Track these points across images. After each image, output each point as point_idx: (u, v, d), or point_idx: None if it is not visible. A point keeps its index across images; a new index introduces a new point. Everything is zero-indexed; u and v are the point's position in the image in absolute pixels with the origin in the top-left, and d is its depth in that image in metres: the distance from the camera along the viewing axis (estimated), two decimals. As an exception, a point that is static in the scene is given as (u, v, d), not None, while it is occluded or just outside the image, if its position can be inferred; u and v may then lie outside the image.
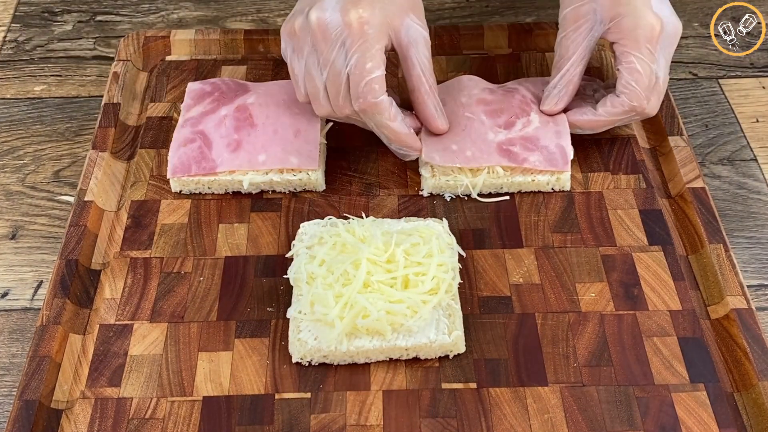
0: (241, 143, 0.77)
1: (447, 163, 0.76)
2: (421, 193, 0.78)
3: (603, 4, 0.75)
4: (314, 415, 0.64)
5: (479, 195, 0.78)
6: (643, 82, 0.75)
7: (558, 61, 0.78)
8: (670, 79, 0.93)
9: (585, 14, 0.76)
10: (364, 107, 0.72)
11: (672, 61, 0.95)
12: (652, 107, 0.77)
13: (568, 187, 0.78)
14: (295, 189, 0.78)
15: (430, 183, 0.78)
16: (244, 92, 0.81)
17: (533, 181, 0.77)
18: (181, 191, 0.78)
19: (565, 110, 0.79)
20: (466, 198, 0.78)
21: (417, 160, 0.80)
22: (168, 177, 0.77)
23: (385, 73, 0.72)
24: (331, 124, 0.81)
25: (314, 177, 0.77)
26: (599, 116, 0.78)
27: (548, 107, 0.78)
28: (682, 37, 0.98)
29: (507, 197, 0.78)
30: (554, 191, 0.78)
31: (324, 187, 0.78)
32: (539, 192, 0.78)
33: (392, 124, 0.74)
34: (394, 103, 0.74)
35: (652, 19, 0.74)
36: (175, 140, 0.79)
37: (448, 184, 0.77)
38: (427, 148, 0.77)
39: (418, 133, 0.77)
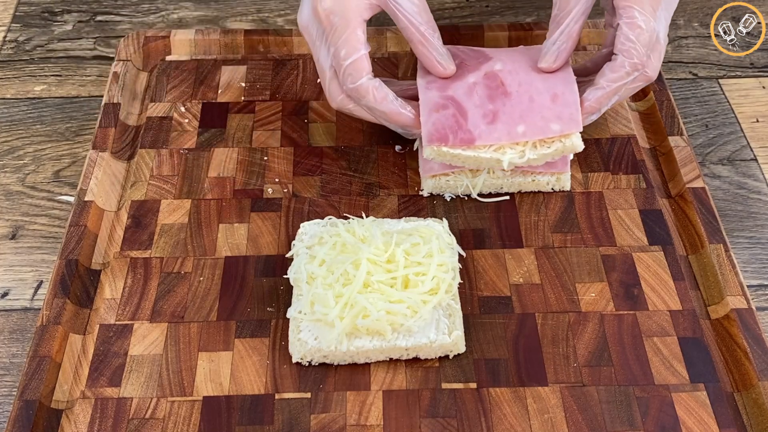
0: (497, 114, 0.74)
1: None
2: (421, 193, 0.78)
3: None
4: (314, 415, 0.64)
5: (479, 195, 0.78)
6: (644, 38, 0.72)
7: (557, 15, 0.74)
8: (670, 78, 0.93)
9: None
10: (350, 93, 0.74)
11: (672, 61, 0.96)
12: (654, 68, 0.74)
13: (568, 187, 0.78)
14: (552, 158, 0.75)
15: (430, 183, 0.77)
16: (487, 59, 0.77)
17: (533, 181, 0.77)
18: (433, 159, 0.75)
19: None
20: (466, 198, 0.78)
21: (417, 160, 0.80)
22: (425, 144, 0.74)
23: (363, 54, 0.73)
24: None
25: (569, 143, 0.74)
26: (602, 88, 0.74)
27: (546, 64, 0.75)
28: (682, 37, 0.99)
29: (507, 197, 0.78)
30: (554, 191, 0.78)
31: (583, 147, 0.74)
32: (539, 192, 0.78)
33: (379, 105, 0.74)
34: (379, 84, 0.74)
35: None
36: (424, 103, 0.75)
37: (448, 184, 0.77)
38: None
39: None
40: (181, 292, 0.71)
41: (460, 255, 0.71)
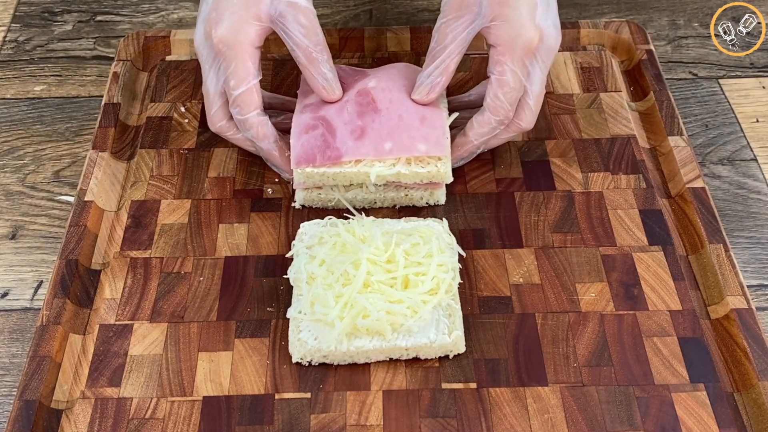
0: (365, 130, 0.74)
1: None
2: (294, 205, 0.77)
3: None
4: (314, 415, 0.64)
5: (355, 209, 0.76)
6: (512, 96, 0.73)
7: (434, 48, 0.74)
8: (670, 78, 0.93)
9: (470, 4, 0.72)
10: (237, 123, 0.76)
11: (672, 61, 0.96)
12: (528, 121, 0.76)
13: (442, 202, 0.77)
14: (421, 181, 0.75)
15: (301, 195, 0.77)
16: (363, 77, 0.78)
17: (406, 195, 0.77)
18: (304, 183, 0.75)
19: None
20: (465, 197, 0.78)
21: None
22: (292, 167, 0.74)
23: (253, 84, 0.73)
24: (457, 114, 0.78)
25: (443, 169, 0.74)
26: (471, 140, 0.76)
27: (419, 96, 0.75)
28: (682, 37, 0.99)
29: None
30: (429, 205, 0.77)
31: (452, 179, 0.75)
32: (539, 191, 0.78)
33: (260, 142, 0.76)
34: (266, 121, 0.75)
35: (532, 31, 0.72)
36: (295, 126, 0.75)
37: (320, 197, 0.76)
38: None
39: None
40: (181, 292, 0.71)
41: (460, 255, 0.71)
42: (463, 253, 0.72)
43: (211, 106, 0.76)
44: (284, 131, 0.78)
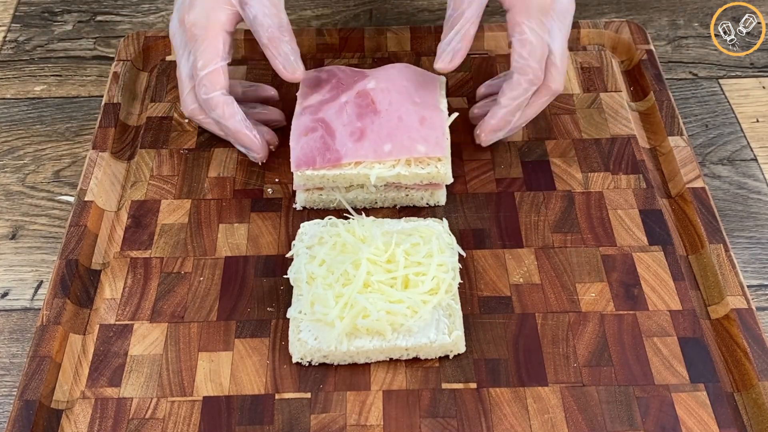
0: (365, 131, 0.74)
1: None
2: (294, 206, 0.78)
3: None
4: (314, 415, 0.64)
5: (354, 209, 0.76)
6: (536, 54, 0.73)
7: (451, 16, 0.75)
8: (670, 78, 0.93)
9: None
10: (202, 103, 0.77)
11: (672, 61, 0.96)
12: (557, 82, 0.76)
13: (443, 202, 0.77)
14: (421, 182, 0.75)
15: (302, 197, 0.77)
16: (363, 78, 0.78)
17: (407, 195, 0.77)
18: (304, 185, 0.75)
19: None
20: (465, 197, 0.78)
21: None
22: (292, 170, 0.74)
23: (220, 66, 0.75)
24: (456, 114, 0.78)
25: (443, 170, 0.74)
26: (504, 107, 0.76)
27: (443, 64, 0.74)
28: (682, 37, 0.99)
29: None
30: (429, 206, 0.78)
31: (452, 180, 0.76)
32: (539, 191, 0.78)
33: (226, 121, 0.76)
34: (231, 101, 0.76)
35: None
36: (295, 129, 0.76)
37: (321, 198, 0.77)
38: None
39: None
40: (181, 292, 0.71)
41: (460, 255, 0.71)
42: (463, 253, 0.72)
43: (183, 89, 0.77)
44: (262, 122, 0.80)
